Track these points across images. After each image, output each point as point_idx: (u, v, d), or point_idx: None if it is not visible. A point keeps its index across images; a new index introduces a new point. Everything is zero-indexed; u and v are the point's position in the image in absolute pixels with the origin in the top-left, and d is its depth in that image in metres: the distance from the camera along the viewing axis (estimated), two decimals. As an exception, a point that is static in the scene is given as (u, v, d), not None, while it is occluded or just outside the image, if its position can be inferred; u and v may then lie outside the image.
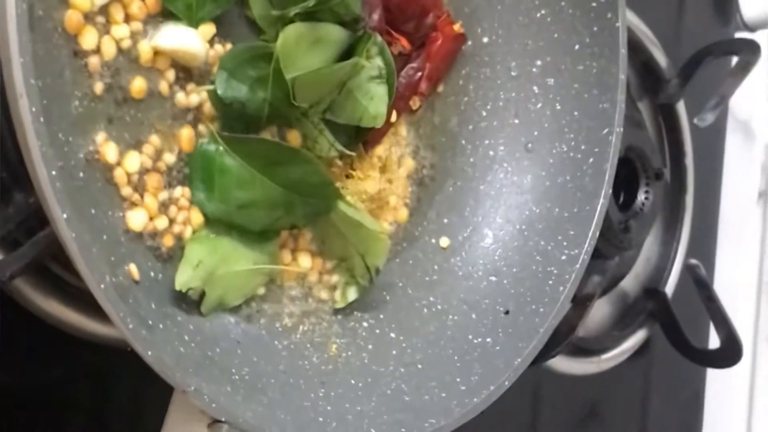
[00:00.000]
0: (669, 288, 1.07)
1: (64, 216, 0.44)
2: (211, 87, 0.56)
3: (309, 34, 0.59)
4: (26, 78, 0.43)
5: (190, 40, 0.56)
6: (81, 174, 0.52)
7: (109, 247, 0.53)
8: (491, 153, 0.74)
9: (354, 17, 0.61)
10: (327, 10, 0.60)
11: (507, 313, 0.69)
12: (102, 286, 0.46)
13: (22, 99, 0.43)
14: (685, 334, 1.04)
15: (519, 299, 0.69)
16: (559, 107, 0.74)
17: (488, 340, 0.67)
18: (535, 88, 0.74)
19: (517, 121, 0.75)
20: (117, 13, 0.54)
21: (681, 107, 1.06)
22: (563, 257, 0.70)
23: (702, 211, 1.12)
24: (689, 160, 1.08)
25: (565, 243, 0.70)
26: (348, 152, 0.62)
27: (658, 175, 0.99)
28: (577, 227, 0.70)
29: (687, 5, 1.19)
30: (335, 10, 0.60)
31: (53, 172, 0.44)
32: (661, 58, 1.06)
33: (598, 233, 0.70)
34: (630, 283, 1.06)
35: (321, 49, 0.60)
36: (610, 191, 0.71)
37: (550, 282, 0.69)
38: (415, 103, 0.69)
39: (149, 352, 0.48)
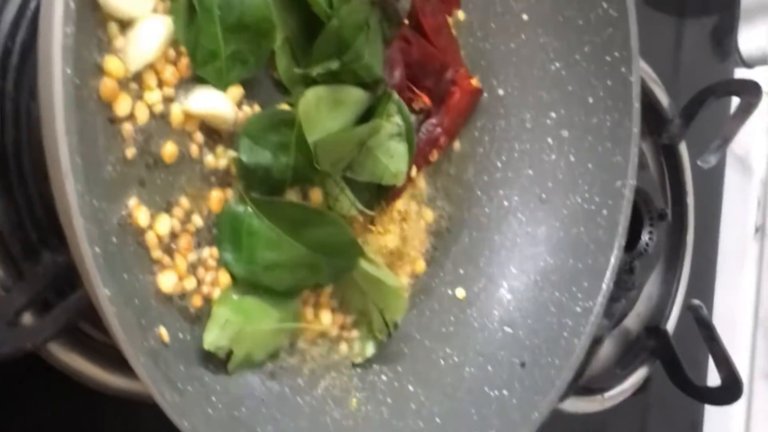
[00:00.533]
0: (670, 325, 1.08)
1: (108, 293, 0.44)
2: (235, 154, 0.57)
3: (329, 97, 0.60)
4: (72, 157, 0.43)
5: (219, 103, 0.57)
6: (114, 239, 0.53)
7: (140, 311, 0.53)
8: (506, 203, 0.75)
9: (375, 79, 0.62)
10: (349, 72, 0.60)
11: (523, 365, 0.69)
12: (141, 359, 0.46)
13: (67, 179, 0.43)
14: (686, 371, 1.05)
15: (534, 351, 0.70)
16: (573, 159, 0.75)
17: (505, 392, 0.68)
18: (549, 139, 0.75)
19: (531, 172, 0.75)
20: (150, 78, 0.54)
21: (683, 147, 1.07)
22: (578, 309, 0.71)
23: (701, 248, 1.13)
24: (690, 199, 1.09)
25: (579, 295, 0.71)
26: (368, 212, 0.63)
27: (661, 215, 1.00)
28: (591, 279, 0.71)
29: (685, 41, 1.20)
30: (358, 72, 0.60)
31: (97, 250, 0.44)
32: (662, 96, 1.07)
33: (612, 285, 0.71)
34: (632, 321, 1.07)
35: (341, 111, 0.61)
36: (624, 243, 0.72)
37: (565, 334, 0.70)
38: (433, 156, 0.70)
39: (184, 422, 0.48)
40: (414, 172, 0.67)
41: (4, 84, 0.57)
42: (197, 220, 0.57)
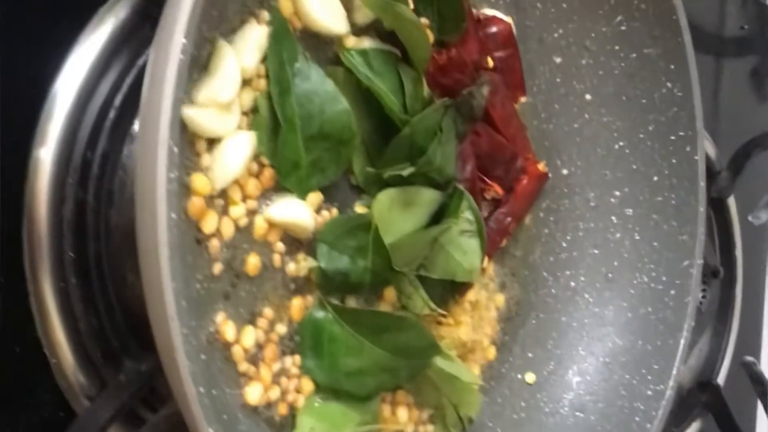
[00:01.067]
0: (721, 379, 1.08)
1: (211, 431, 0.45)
2: (314, 262, 0.57)
3: (402, 199, 0.60)
4: (177, 301, 0.43)
5: (300, 212, 0.57)
6: (203, 356, 0.53)
7: (229, 426, 0.53)
8: (572, 284, 0.75)
9: (447, 179, 0.62)
10: (421, 175, 0.60)
11: (595, 452, 0.69)
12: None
13: (173, 322, 0.43)
14: (738, 425, 1.05)
15: (608, 437, 0.69)
16: (638, 237, 0.75)
17: (580, 481, 0.68)
18: (613, 218, 0.75)
19: (596, 252, 0.75)
20: (235, 193, 0.54)
21: (731, 200, 1.07)
22: (648, 392, 0.71)
23: (749, 301, 1.13)
24: (739, 252, 1.09)
25: (649, 377, 0.71)
26: (441, 311, 0.63)
27: (714, 273, 1.00)
28: (661, 361, 0.71)
29: (724, 82, 1.19)
30: (430, 175, 0.60)
31: (201, 390, 0.44)
32: (709, 148, 1.07)
33: (682, 367, 0.70)
34: (684, 375, 1.07)
35: (414, 211, 0.61)
36: (693, 324, 0.72)
37: (637, 419, 0.70)
38: (501, 241, 0.70)
39: None
40: (485, 263, 0.67)
41: (86, 196, 0.57)
42: (281, 329, 0.58)
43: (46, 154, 0.56)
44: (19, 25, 0.57)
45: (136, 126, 0.60)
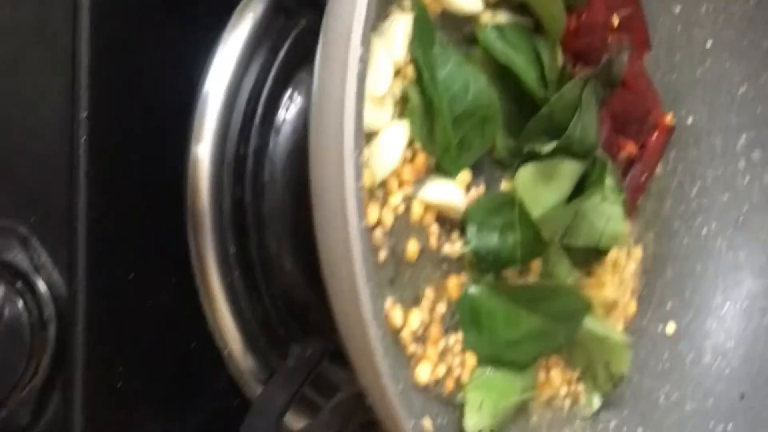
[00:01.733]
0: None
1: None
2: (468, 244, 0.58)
3: (544, 172, 0.61)
4: (374, 303, 0.45)
5: (452, 192, 0.59)
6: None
7: (408, 409, 0.55)
8: (704, 231, 0.76)
9: (588, 149, 0.62)
10: (563, 149, 0.61)
11: (742, 397, 0.70)
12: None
13: (371, 326, 0.45)
14: None
15: (752, 381, 0.71)
16: (767, 180, 0.74)
17: (730, 427, 0.69)
18: (741, 163, 0.75)
19: (726, 198, 0.75)
20: (393, 182, 0.55)
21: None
22: (789, 334, 0.71)
23: None
24: None
25: (789, 318, 0.72)
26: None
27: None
28: (801, 301, 0.72)
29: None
30: (571, 148, 0.61)
31: (400, 387, 0.46)
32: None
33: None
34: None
35: (557, 184, 0.62)
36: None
37: (781, 361, 0.70)
38: (639, 198, 0.70)
39: None
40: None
41: (242, 190, 0.59)
42: (441, 308, 0.59)
43: (203, 152, 0.58)
44: (166, 31, 0.58)
45: (280, 118, 0.61)
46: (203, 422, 0.63)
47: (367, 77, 0.51)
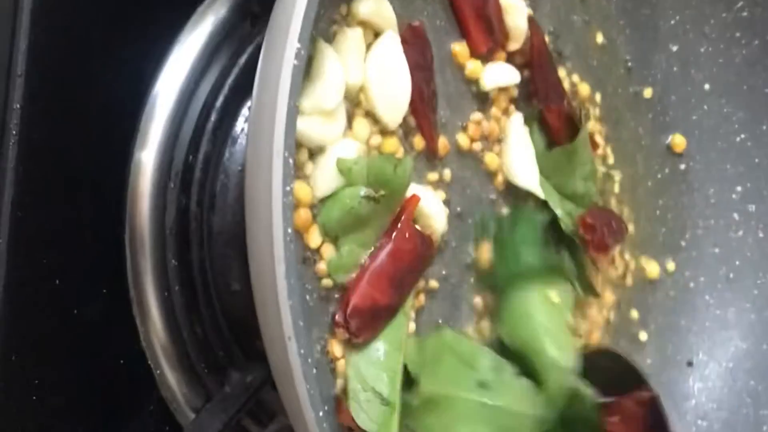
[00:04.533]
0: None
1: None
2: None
3: None
4: (295, 321, 0.40)
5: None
6: (314, 371, 0.50)
7: None
8: (691, 285, 0.71)
9: None
10: None
11: (721, 463, 0.65)
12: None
13: (290, 342, 0.41)
14: None
15: (733, 448, 0.66)
16: (762, 235, 0.71)
17: (705, 495, 0.64)
18: (735, 215, 0.72)
19: (717, 251, 0.72)
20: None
21: None
22: (776, 400, 0.67)
23: None
24: None
25: (776, 384, 0.67)
26: None
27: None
28: (789, 366, 0.67)
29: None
30: None
31: (320, 414, 0.42)
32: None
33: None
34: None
35: None
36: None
37: (765, 428, 0.66)
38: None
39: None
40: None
41: (188, 201, 0.55)
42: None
43: (147, 158, 0.55)
44: (118, 25, 0.55)
45: (238, 128, 0.57)
46: (129, 447, 0.58)
47: (317, 89, 0.47)
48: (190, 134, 0.56)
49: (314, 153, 0.49)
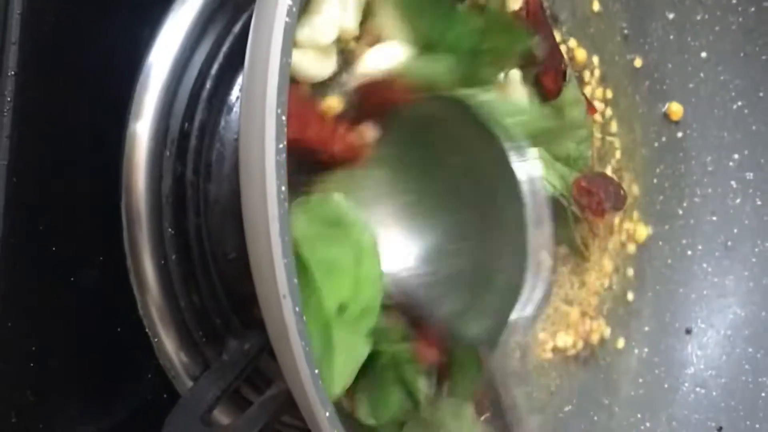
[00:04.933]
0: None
1: (327, 414, 0.42)
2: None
3: None
4: (289, 279, 0.40)
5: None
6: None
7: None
8: (689, 253, 0.71)
9: None
10: None
11: (720, 429, 0.65)
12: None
13: (285, 300, 0.40)
14: None
15: (731, 413, 0.66)
16: (759, 202, 0.71)
17: (704, 461, 0.64)
18: (732, 182, 0.71)
19: (715, 218, 0.72)
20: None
21: None
22: (774, 366, 0.67)
23: None
24: None
25: (774, 350, 0.67)
26: None
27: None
28: (787, 332, 0.67)
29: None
30: None
31: (316, 371, 0.42)
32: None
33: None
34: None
35: None
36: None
37: (763, 395, 0.66)
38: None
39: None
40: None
41: (184, 170, 0.55)
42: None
43: (142, 128, 0.54)
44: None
45: (233, 96, 0.57)
46: (128, 414, 0.58)
47: (314, 21, 0.47)
48: (186, 102, 0.56)
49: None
